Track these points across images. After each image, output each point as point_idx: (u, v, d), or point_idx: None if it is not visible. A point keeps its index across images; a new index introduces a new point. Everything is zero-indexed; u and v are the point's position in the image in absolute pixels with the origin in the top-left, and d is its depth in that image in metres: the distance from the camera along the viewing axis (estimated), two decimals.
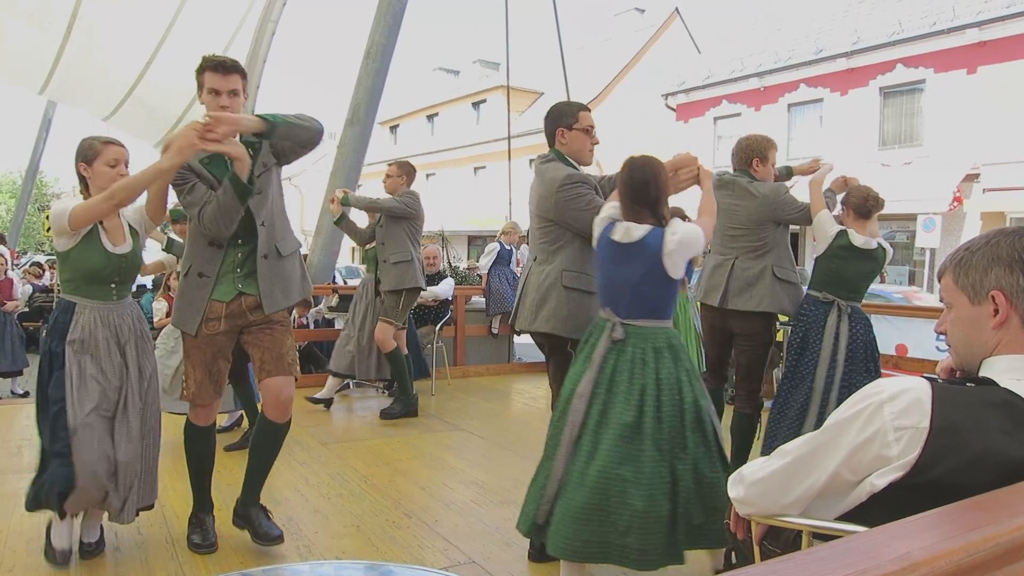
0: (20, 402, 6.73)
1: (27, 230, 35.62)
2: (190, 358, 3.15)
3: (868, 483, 1.33)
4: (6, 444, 4.87)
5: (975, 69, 16.22)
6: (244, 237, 3.07)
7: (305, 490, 4.08)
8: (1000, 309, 1.37)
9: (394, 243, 5.63)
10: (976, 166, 16.02)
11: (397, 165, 5.84)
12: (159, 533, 3.41)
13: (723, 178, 4.09)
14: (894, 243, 18.59)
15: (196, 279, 3.07)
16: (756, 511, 1.56)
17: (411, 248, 5.67)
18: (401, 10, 8.33)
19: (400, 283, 5.61)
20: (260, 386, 3.17)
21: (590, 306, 3.13)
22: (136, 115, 10.83)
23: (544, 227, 3.28)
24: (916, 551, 0.83)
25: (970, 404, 1.28)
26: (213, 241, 3.04)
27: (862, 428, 1.31)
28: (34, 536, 3.32)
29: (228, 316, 3.09)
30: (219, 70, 2.88)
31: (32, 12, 8.64)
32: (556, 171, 3.22)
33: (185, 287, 3.10)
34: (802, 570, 0.82)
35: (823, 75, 19.09)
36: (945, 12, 16.83)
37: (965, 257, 1.44)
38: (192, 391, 3.16)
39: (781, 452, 1.50)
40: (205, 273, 3.07)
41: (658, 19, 28.20)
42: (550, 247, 3.26)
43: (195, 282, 3.07)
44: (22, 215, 21.44)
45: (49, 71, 10.00)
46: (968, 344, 1.45)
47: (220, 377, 3.21)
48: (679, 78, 23.44)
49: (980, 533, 0.90)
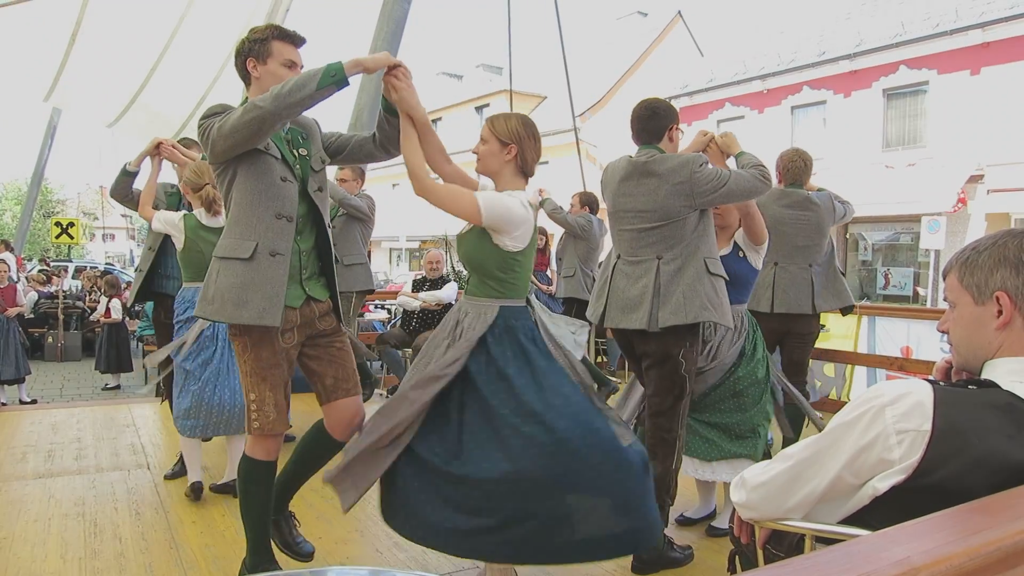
0: (25, 409, 6.74)
1: (32, 236, 35.73)
2: (267, 379, 2.61)
3: (870, 486, 1.32)
4: (11, 451, 4.88)
5: (978, 70, 16.20)
6: (306, 231, 2.69)
7: (309, 495, 4.06)
8: (1004, 310, 1.37)
9: (347, 244, 5.54)
10: (980, 167, 15.99)
11: (351, 169, 5.74)
12: (163, 537, 3.41)
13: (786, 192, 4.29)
14: (898, 244, 18.61)
15: (268, 259, 2.52)
16: (759, 515, 1.55)
17: (363, 250, 5.65)
18: (404, 15, 8.34)
19: (352, 285, 5.49)
20: (329, 407, 2.79)
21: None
22: (141, 121, 10.87)
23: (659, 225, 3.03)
24: (916, 555, 0.83)
25: (972, 407, 1.28)
26: (281, 213, 2.57)
27: (864, 431, 1.31)
28: (38, 542, 3.33)
29: (300, 326, 2.69)
30: (296, 42, 2.66)
31: (37, 19, 8.67)
32: (672, 159, 3.02)
33: (251, 271, 2.51)
34: (803, 574, 0.81)
35: (826, 77, 19.08)
36: (948, 14, 16.82)
37: (971, 257, 1.43)
38: (272, 418, 2.64)
39: (783, 456, 1.49)
40: (278, 251, 2.55)
41: (661, 22, 28.21)
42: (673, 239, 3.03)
43: (267, 263, 2.52)
44: (27, 221, 21.48)
45: (54, 78, 10.04)
46: (970, 344, 1.44)
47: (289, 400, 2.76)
48: (682, 81, 23.44)
49: (981, 537, 0.89)
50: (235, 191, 2.57)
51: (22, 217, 22.28)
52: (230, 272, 2.52)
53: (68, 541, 3.36)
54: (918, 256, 17.86)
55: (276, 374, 2.63)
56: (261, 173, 2.56)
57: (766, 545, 1.64)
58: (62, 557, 3.18)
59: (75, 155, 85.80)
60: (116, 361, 10.02)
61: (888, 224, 18.58)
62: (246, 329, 2.56)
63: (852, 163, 18.36)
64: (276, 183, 2.58)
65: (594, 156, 20.79)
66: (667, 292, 2.97)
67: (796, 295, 4.22)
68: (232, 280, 2.51)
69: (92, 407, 6.45)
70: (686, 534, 3.56)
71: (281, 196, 2.58)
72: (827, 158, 19.00)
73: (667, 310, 2.95)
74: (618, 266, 3.17)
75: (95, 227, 48.73)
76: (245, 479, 2.74)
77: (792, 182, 4.31)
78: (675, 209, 2.98)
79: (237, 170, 2.55)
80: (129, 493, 4.03)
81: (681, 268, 3.00)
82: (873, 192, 17.17)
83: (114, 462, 4.64)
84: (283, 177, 2.60)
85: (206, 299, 2.57)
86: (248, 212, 2.55)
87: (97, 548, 3.29)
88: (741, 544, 1.74)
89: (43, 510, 3.75)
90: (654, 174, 3.01)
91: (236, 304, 2.49)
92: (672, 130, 3.12)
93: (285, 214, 2.58)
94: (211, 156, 2.54)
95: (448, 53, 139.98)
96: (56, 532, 3.46)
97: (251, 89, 2.66)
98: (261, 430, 2.65)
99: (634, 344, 3.15)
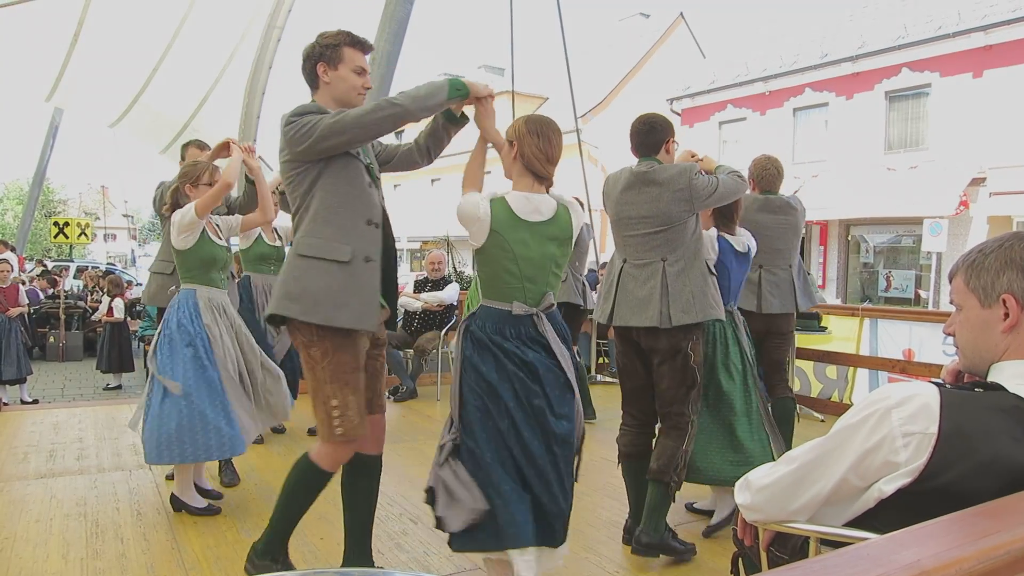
0: (26, 409, 6.74)
1: (34, 236, 35.76)
2: (349, 383, 2.58)
3: (876, 489, 1.32)
4: (13, 451, 4.88)
5: (981, 73, 16.20)
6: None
7: None
8: (1011, 313, 1.36)
9: None
10: (982, 170, 15.98)
11: None
12: (164, 538, 3.41)
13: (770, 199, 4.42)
14: (900, 247, 18.61)
15: (363, 264, 2.54)
16: (763, 517, 1.55)
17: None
18: (406, 16, 8.34)
19: None
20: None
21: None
22: (142, 121, 10.89)
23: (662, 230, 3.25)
24: (926, 558, 0.83)
25: (979, 410, 1.27)
26: (371, 219, 2.59)
27: (870, 434, 1.30)
28: (40, 542, 3.33)
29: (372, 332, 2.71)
30: (365, 49, 2.67)
31: (39, 19, 8.68)
32: (670, 168, 3.26)
33: (348, 275, 2.52)
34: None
35: (828, 79, 19.08)
36: (950, 16, 16.83)
37: (978, 259, 1.42)
38: (356, 423, 2.60)
39: (788, 458, 1.49)
40: (371, 257, 2.57)
41: (663, 24, 28.19)
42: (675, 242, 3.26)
43: (362, 268, 2.54)
44: (29, 221, 21.52)
45: (56, 78, 10.05)
46: (976, 347, 1.44)
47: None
48: (684, 83, 23.46)
49: (991, 540, 0.89)
50: (320, 192, 2.54)
51: (24, 217, 22.31)
52: (324, 274, 2.50)
53: (70, 541, 3.35)
54: (920, 259, 17.85)
55: (358, 378, 2.61)
56: (352, 178, 2.57)
57: (770, 547, 1.64)
58: (64, 557, 3.18)
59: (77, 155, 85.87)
60: (118, 361, 10.02)
61: (890, 226, 18.58)
62: (329, 334, 2.52)
63: (854, 165, 18.35)
64: (365, 189, 2.60)
65: (596, 158, 20.79)
66: (675, 292, 3.19)
67: (781, 296, 4.41)
68: (328, 282, 2.49)
69: (94, 407, 6.45)
70: (685, 535, 3.55)
71: (370, 202, 2.61)
72: (829, 160, 19.01)
73: (678, 308, 3.17)
74: (624, 269, 3.35)
75: (96, 227, 48.77)
76: (300, 484, 2.71)
77: (766, 189, 4.43)
78: (676, 214, 3.21)
79: (323, 172, 2.54)
80: (131, 493, 4.03)
81: (685, 269, 3.23)
82: (875, 194, 17.18)
83: (116, 462, 4.64)
84: (370, 183, 2.64)
85: (289, 297, 2.52)
86: (339, 215, 2.54)
87: (99, 548, 3.28)
88: (744, 546, 1.73)
89: (45, 510, 3.75)
90: (655, 183, 3.24)
91: (335, 306, 2.48)
92: (669, 143, 3.39)
93: (374, 220, 2.61)
94: (303, 152, 2.50)
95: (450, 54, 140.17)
96: (58, 532, 3.46)
97: (318, 94, 2.66)
98: (345, 436, 2.59)
99: (642, 342, 3.29)
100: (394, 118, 2.46)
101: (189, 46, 9.30)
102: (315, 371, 2.57)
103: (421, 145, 2.88)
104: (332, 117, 2.46)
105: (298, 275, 2.52)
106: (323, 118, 2.46)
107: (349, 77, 2.62)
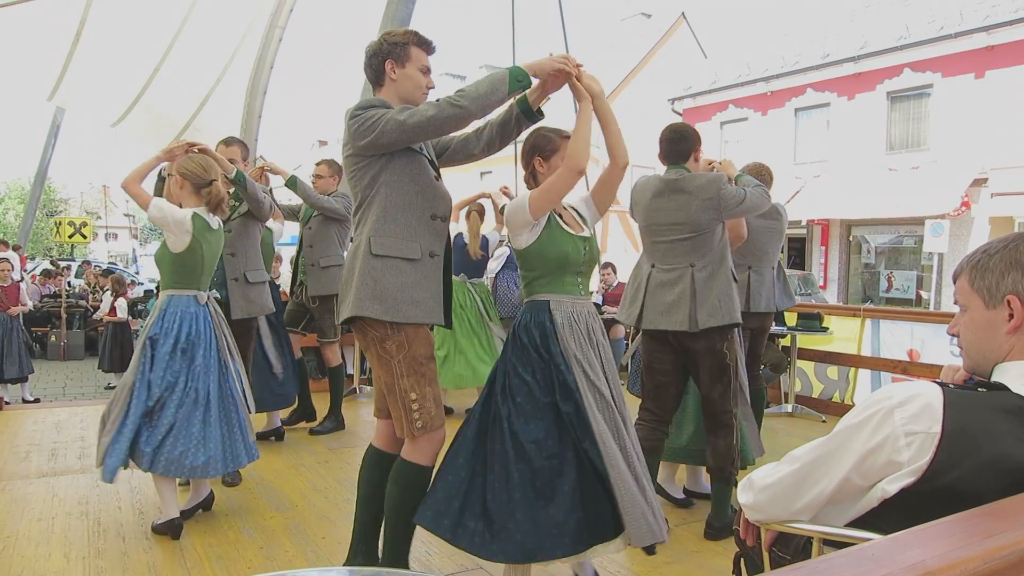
0: (28, 408, 6.75)
1: (35, 235, 35.80)
2: (424, 375, 2.58)
3: (879, 489, 1.32)
4: (14, 450, 4.88)
5: (983, 73, 16.19)
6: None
7: (312, 496, 4.07)
8: (1015, 314, 1.36)
9: (324, 245, 5.36)
10: (984, 170, 15.98)
11: (327, 164, 5.51)
12: (166, 537, 3.40)
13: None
14: (901, 247, 18.61)
15: (429, 260, 2.59)
16: (766, 517, 1.55)
17: (341, 251, 5.46)
18: (408, 15, 8.35)
19: (330, 288, 5.24)
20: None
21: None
22: (144, 121, 10.89)
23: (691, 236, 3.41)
24: (930, 559, 0.82)
25: (982, 409, 1.27)
26: (436, 214, 2.63)
27: (872, 433, 1.30)
28: (42, 541, 3.33)
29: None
30: (431, 50, 2.67)
31: (41, 18, 8.69)
32: (700, 177, 3.41)
33: (418, 271, 2.56)
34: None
35: (830, 79, 19.08)
36: (952, 16, 16.81)
37: (982, 260, 1.42)
38: (433, 413, 2.60)
39: (791, 458, 1.49)
40: (436, 252, 2.62)
41: (665, 24, 28.19)
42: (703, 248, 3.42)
43: (429, 263, 2.59)
44: (30, 220, 21.55)
45: (58, 77, 10.06)
46: (981, 348, 1.44)
47: None
48: (685, 83, 23.46)
49: (996, 541, 0.89)
50: (384, 188, 2.54)
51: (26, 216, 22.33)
52: (398, 272, 2.52)
53: (72, 540, 3.36)
54: (921, 259, 17.85)
55: (431, 368, 2.62)
56: (417, 174, 2.59)
57: (772, 548, 1.64)
58: (66, 556, 3.18)
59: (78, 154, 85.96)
60: (119, 360, 10.01)
61: (891, 227, 18.58)
62: (403, 327, 2.54)
63: (855, 166, 18.35)
64: (432, 183, 2.63)
65: (596, 157, 20.78)
66: (703, 296, 3.36)
67: (767, 295, 4.71)
68: (403, 279, 2.52)
69: (95, 406, 6.44)
70: (687, 535, 3.56)
71: (436, 196, 2.64)
72: (830, 160, 19.01)
73: (705, 312, 3.33)
74: (653, 274, 3.52)
75: (98, 226, 48.81)
76: (405, 487, 2.64)
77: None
78: (704, 222, 3.37)
79: (386, 167, 2.54)
80: (132, 492, 4.03)
81: (712, 275, 3.40)
82: (876, 195, 17.18)
83: None
84: (436, 176, 2.66)
85: (374, 298, 2.49)
86: (406, 212, 2.56)
87: (101, 547, 3.28)
88: (747, 546, 1.73)
89: (47, 509, 3.75)
90: (684, 191, 3.39)
91: (411, 303, 2.52)
92: (697, 152, 3.53)
93: (440, 214, 2.64)
94: (366, 147, 2.50)
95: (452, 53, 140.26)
96: (60, 531, 3.46)
97: (382, 90, 2.65)
98: (425, 428, 2.57)
99: (679, 343, 3.47)
100: (456, 119, 2.43)
101: (191, 46, 9.31)
102: (391, 366, 2.55)
103: (484, 136, 2.79)
104: (397, 112, 2.46)
105: (376, 275, 2.51)
106: (387, 112, 2.46)
107: (415, 76, 2.62)
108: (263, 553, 3.25)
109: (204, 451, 3.36)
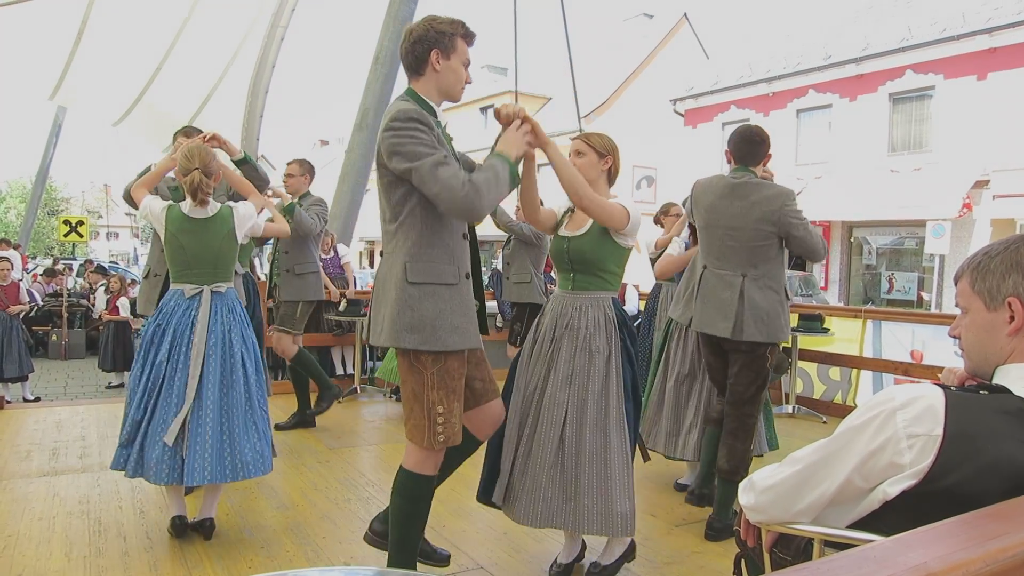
0: (29, 407, 6.75)
1: (36, 234, 35.84)
2: (455, 390, 2.52)
3: (881, 491, 1.32)
4: (15, 449, 4.89)
5: (985, 75, 16.17)
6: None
7: (313, 495, 4.07)
8: (1016, 316, 1.36)
9: (300, 253, 5.38)
10: (986, 172, 15.96)
11: (298, 164, 5.46)
12: (167, 536, 3.40)
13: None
14: (903, 249, 18.59)
15: (464, 282, 2.54)
16: (767, 518, 1.54)
17: (316, 258, 5.52)
18: (410, 15, 8.35)
19: (302, 294, 5.38)
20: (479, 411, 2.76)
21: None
22: (146, 120, 10.88)
23: (747, 244, 3.39)
24: (933, 561, 0.82)
25: (984, 412, 1.27)
26: (465, 232, 2.58)
27: (874, 435, 1.30)
28: (43, 541, 3.33)
29: None
30: (473, 42, 2.58)
31: (43, 17, 8.69)
32: (769, 188, 3.38)
33: (455, 295, 2.49)
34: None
35: (832, 81, 19.06)
36: (955, 18, 16.80)
37: (983, 262, 1.42)
38: (456, 428, 2.55)
39: (792, 459, 1.49)
40: (467, 270, 2.59)
41: (667, 24, 28.16)
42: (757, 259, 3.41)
43: (464, 285, 2.54)
44: (32, 219, 21.58)
45: (59, 76, 10.05)
46: (982, 350, 1.43)
47: None
48: (687, 83, 23.44)
49: (998, 543, 0.89)
50: (421, 208, 2.43)
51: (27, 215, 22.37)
52: (436, 298, 2.44)
53: (72, 539, 3.36)
54: (922, 261, 17.82)
55: (460, 384, 2.55)
56: None
57: (773, 549, 1.64)
58: (67, 555, 3.18)
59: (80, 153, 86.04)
60: (121, 359, 10.02)
61: (893, 228, 18.55)
62: (441, 354, 2.48)
63: (857, 167, 18.33)
64: None
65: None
66: (751, 307, 3.34)
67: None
68: (440, 306, 2.44)
69: (96, 405, 6.46)
70: (688, 535, 3.56)
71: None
72: (832, 162, 18.99)
73: (750, 323, 3.33)
74: (705, 275, 3.53)
75: (99, 225, 48.83)
76: (415, 498, 2.61)
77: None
78: (763, 232, 3.34)
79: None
80: (133, 492, 4.03)
81: (764, 287, 3.38)
82: (878, 196, 17.16)
83: None
84: None
85: (411, 328, 2.41)
86: (443, 235, 2.48)
87: (102, 546, 3.29)
88: (747, 547, 1.73)
89: (48, 508, 3.76)
90: (749, 197, 3.37)
91: (450, 330, 2.44)
92: (768, 158, 3.54)
93: (466, 232, 2.60)
94: (392, 170, 2.40)
95: None
96: (60, 530, 3.46)
97: (422, 81, 2.52)
98: (446, 442, 2.52)
99: (723, 343, 3.51)
100: (468, 209, 2.34)
101: (192, 45, 9.30)
102: (422, 376, 2.48)
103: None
104: (431, 166, 2.31)
105: (413, 304, 2.42)
106: (425, 163, 2.31)
107: (459, 69, 2.53)
108: (263, 552, 3.25)
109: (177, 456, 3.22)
